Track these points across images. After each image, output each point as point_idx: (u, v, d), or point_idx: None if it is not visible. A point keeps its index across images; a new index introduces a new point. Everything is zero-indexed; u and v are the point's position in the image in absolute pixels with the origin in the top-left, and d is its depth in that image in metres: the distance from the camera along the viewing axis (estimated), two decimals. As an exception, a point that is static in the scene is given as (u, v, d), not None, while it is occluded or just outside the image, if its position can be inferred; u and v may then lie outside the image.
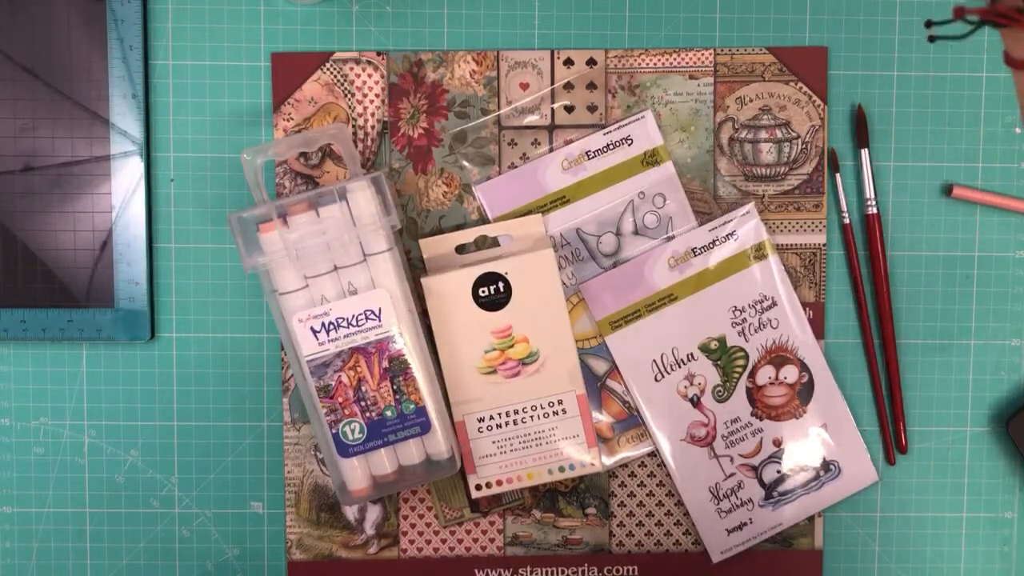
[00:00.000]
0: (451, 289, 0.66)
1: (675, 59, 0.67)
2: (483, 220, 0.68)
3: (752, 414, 0.68)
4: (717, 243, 0.67)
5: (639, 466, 0.69)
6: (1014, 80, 0.41)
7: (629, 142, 0.67)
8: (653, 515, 0.69)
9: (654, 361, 0.68)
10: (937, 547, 0.70)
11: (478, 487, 0.67)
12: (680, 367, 0.68)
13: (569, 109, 0.68)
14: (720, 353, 0.68)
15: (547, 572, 0.69)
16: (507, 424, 0.66)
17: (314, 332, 0.63)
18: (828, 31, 0.68)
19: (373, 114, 0.67)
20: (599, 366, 0.68)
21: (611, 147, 0.67)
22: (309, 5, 0.67)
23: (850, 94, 0.68)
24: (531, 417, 0.66)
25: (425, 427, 0.64)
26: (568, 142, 0.68)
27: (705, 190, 0.68)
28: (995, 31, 0.68)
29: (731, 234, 0.67)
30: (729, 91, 0.68)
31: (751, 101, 0.68)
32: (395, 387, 0.63)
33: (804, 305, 0.68)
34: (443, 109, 0.67)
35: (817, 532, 0.69)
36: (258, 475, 0.69)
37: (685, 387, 0.68)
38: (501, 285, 0.66)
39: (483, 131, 0.68)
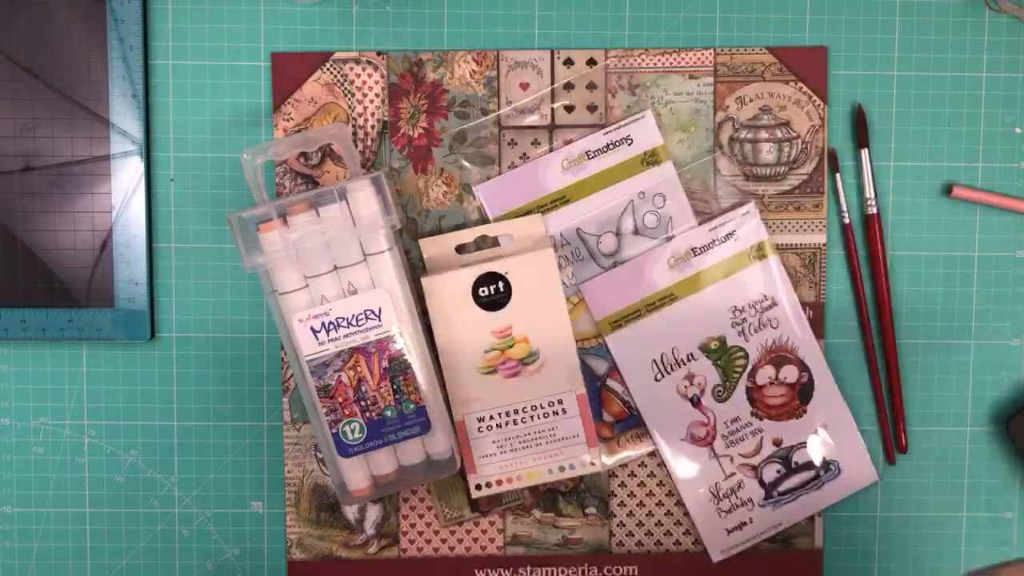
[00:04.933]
0: (451, 289, 0.66)
1: (675, 59, 0.67)
2: (483, 220, 0.68)
3: (752, 414, 0.68)
4: (717, 243, 0.67)
5: (639, 466, 0.69)
6: None
7: (629, 142, 0.67)
8: (653, 515, 0.69)
9: (654, 361, 0.68)
10: (937, 547, 0.70)
11: (478, 487, 0.67)
12: (680, 367, 0.68)
13: (569, 109, 0.68)
14: (720, 353, 0.68)
15: (547, 572, 0.69)
16: (507, 424, 0.66)
17: (314, 332, 0.63)
18: (828, 31, 0.68)
19: (373, 114, 0.67)
20: (599, 366, 0.68)
21: (611, 147, 0.67)
22: (309, 5, 0.67)
23: (850, 94, 0.68)
24: (531, 417, 0.66)
25: (425, 427, 0.64)
26: (568, 142, 0.68)
27: (705, 190, 0.68)
28: (996, 32, 0.68)
29: (731, 234, 0.67)
30: (729, 91, 0.68)
31: (751, 101, 0.68)
32: (395, 387, 0.63)
33: (804, 305, 0.68)
34: (443, 109, 0.67)
35: (817, 532, 0.69)
36: (258, 475, 0.69)
37: (685, 387, 0.68)
38: (501, 285, 0.66)
39: (483, 131, 0.68)
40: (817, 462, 0.68)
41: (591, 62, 0.68)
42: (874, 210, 0.68)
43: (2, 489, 0.68)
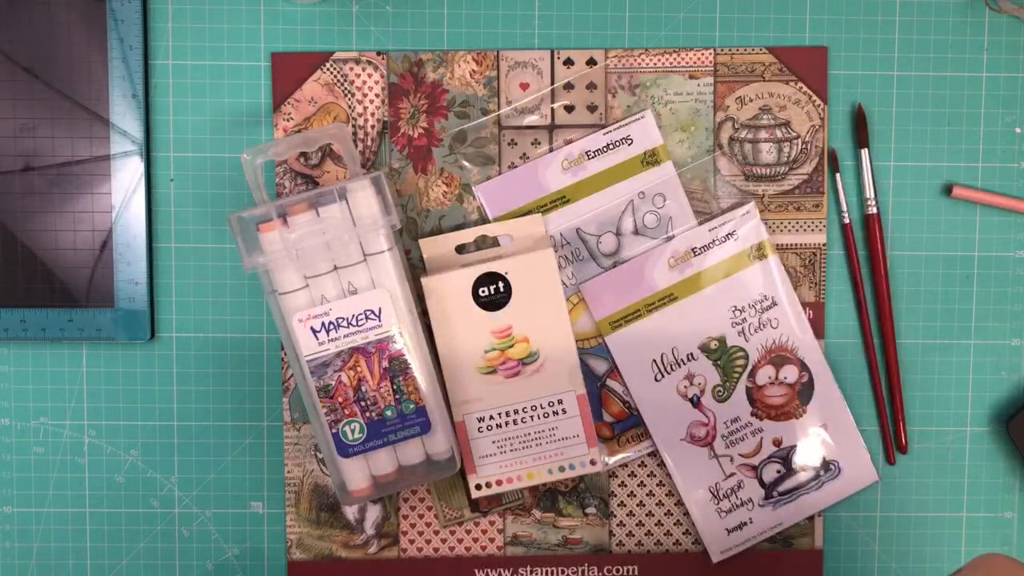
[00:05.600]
0: (451, 289, 0.66)
1: (675, 59, 0.67)
2: (483, 220, 0.68)
3: (752, 414, 0.68)
4: (717, 243, 0.67)
5: (639, 466, 0.69)
6: None
7: (629, 142, 0.67)
8: (653, 515, 0.69)
9: (654, 361, 0.68)
10: (937, 547, 0.70)
11: (478, 487, 0.67)
12: (680, 367, 0.68)
13: (569, 109, 0.68)
14: (720, 353, 0.68)
15: (547, 572, 0.69)
16: (507, 424, 0.66)
17: (314, 332, 0.63)
18: (828, 31, 0.68)
19: (373, 114, 0.67)
20: (599, 366, 0.68)
21: (611, 147, 0.67)
22: (309, 5, 0.67)
23: (850, 94, 0.68)
24: (531, 417, 0.66)
25: (425, 427, 0.64)
26: (568, 142, 0.68)
27: (705, 190, 0.68)
28: (996, 32, 0.68)
29: (731, 234, 0.67)
30: (729, 91, 0.68)
31: (751, 101, 0.68)
32: (395, 387, 0.63)
33: (804, 305, 0.68)
34: (443, 109, 0.67)
35: (817, 532, 0.69)
36: (258, 475, 0.69)
37: (685, 387, 0.68)
38: (501, 285, 0.66)
39: (483, 131, 0.68)
40: (817, 462, 0.68)
41: (591, 62, 0.68)
42: (874, 210, 0.68)
43: (2, 489, 0.68)
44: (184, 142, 0.68)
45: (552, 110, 0.68)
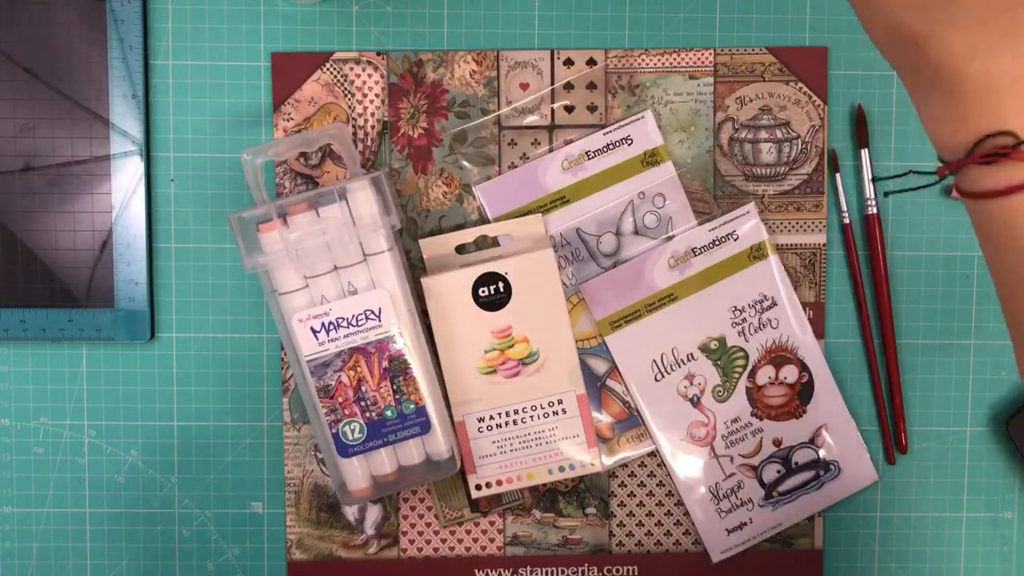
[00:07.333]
0: (451, 289, 0.66)
1: (675, 59, 0.67)
2: (483, 220, 0.68)
3: (752, 414, 0.68)
4: (717, 243, 0.67)
5: (639, 466, 0.69)
6: (971, 216, 0.42)
7: (629, 142, 0.67)
8: (653, 515, 0.69)
9: (654, 361, 0.68)
10: (937, 547, 0.70)
11: (478, 487, 0.67)
12: (680, 367, 0.68)
13: (569, 109, 0.68)
14: (720, 353, 0.68)
15: (547, 572, 0.69)
16: (507, 424, 0.66)
17: (314, 332, 0.63)
18: (828, 31, 0.68)
19: (373, 114, 0.67)
20: (599, 366, 0.68)
21: (611, 147, 0.67)
22: (309, 5, 0.67)
23: (850, 94, 0.68)
24: (531, 417, 0.66)
25: (425, 427, 0.64)
26: (568, 142, 0.68)
27: (705, 190, 0.68)
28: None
29: (731, 234, 0.67)
30: (729, 91, 0.68)
31: (751, 101, 0.68)
32: (395, 387, 0.63)
33: (804, 305, 0.68)
34: (443, 109, 0.67)
35: (817, 532, 0.69)
36: (258, 475, 0.69)
37: (685, 387, 0.68)
38: (501, 285, 0.66)
39: (483, 131, 0.68)
40: (817, 462, 0.68)
41: (591, 62, 0.68)
42: (874, 210, 0.68)
43: (2, 489, 0.68)
44: (184, 142, 0.68)
45: (552, 110, 0.68)
